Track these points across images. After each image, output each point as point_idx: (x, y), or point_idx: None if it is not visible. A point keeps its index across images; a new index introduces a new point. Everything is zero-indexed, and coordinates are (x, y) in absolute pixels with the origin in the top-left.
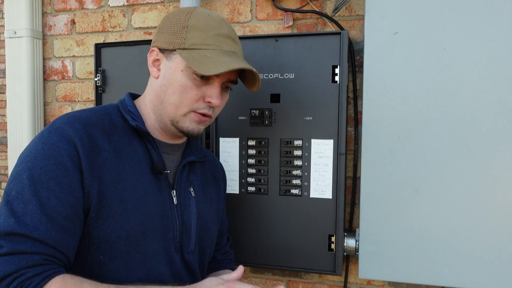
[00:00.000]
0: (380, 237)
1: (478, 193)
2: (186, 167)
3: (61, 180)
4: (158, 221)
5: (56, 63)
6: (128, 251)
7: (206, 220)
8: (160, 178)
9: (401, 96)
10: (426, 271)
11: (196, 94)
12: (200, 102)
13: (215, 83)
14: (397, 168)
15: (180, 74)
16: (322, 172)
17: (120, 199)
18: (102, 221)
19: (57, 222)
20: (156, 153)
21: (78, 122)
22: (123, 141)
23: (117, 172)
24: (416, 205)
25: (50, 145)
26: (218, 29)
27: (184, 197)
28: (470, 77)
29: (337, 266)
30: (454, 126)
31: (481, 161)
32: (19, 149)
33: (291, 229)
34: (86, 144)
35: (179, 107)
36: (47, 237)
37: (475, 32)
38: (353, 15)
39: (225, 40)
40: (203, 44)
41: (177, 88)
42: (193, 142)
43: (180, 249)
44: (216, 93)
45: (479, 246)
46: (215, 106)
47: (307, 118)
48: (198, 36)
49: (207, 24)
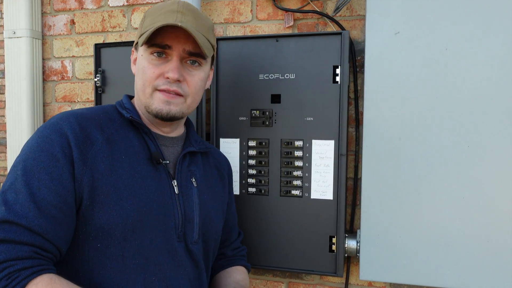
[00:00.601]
0: (381, 239)
1: (480, 194)
2: (186, 158)
3: (52, 171)
4: (157, 210)
5: (56, 64)
6: (125, 238)
7: (209, 211)
8: (159, 168)
9: (402, 96)
10: (427, 273)
11: (153, 72)
12: (160, 79)
13: (173, 57)
14: (399, 169)
15: (141, 59)
16: (323, 173)
17: (115, 187)
18: (98, 209)
19: (45, 211)
20: (154, 144)
21: (72, 117)
22: (118, 133)
23: (111, 161)
24: (418, 206)
25: (44, 137)
26: (168, 7)
27: (186, 187)
28: (472, 77)
29: (338, 268)
30: (456, 127)
31: (483, 162)
32: (18, 150)
33: (292, 230)
34: (78, 135)
35: (144, 89)
36: (34, 224)
37: (477, 32)
38: (354, 15)
39: (172, 14)
40: (152, 23)
41: (140, 73)
42: (192, 134)
43: (184, 238)
44: (173, 66)
45: (481, 247)
46: (172, 79)
47: (308, 118)
48: (150, 19)
49: (159, 6)
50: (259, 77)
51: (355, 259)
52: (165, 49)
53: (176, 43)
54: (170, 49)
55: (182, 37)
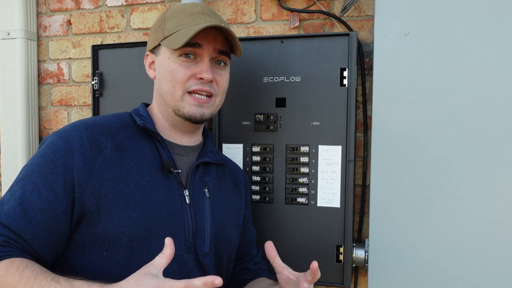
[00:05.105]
0: (390, 248)
1: (493, 202)
2: (200, 168)
3: (47, 176)
4: (166, 219)
5: (52, 66)
6: (131, 247)
7: (223, 222)
8: (170, 177)
9: (412, 100)
10: (438, 284)
11: (185, 74)
12: (191, 80)
13: (203, 58)
14: (408, 176)
15: (167, 62)
16: (330, 179)
17: (122, 195)
18: (105, 216)
19: (30, 214)
20: (166, 153)
21: (82, 125)
22: (130, 141)
23: (119, 169)
24: (428, 215)
25: (50, 144)
26: (191, 9)
27: (197, 197)
28: (485, 80)
29: (345, 278)
30: (468, 132)
31: (497, 168)
32: (12, 155)
33: (298, 240)
34: (85, 143)
35: (174, 92)
36: (13, 224)
37: (489, 33)
38: (362, 16)
39: (199, 16)
40: (178, 26)
41: (168, 76)
42: (209, 145)
43: (194, 250)
44: (205, 67)
45: (494, 258)
46: (207, 80)
47: (314, 123)
48: (174, 22)
49: (180, 9)
50: (264, 80)
51: (363, 270)
52: (195, 47)
53: (207, 42)
54: (200, 49)
55: (211, 37)
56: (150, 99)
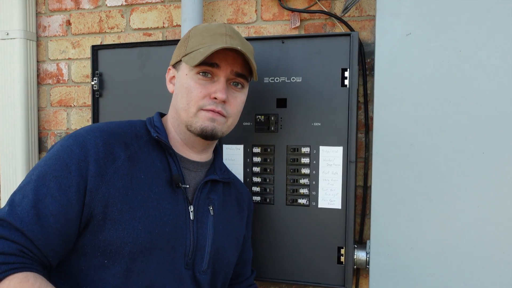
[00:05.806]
0: (392, 250)
1: (495, 204)
2: (207, 185)
3: (61, 181)
4: (169, 233)
5: (51, 66)
6: (132, 258)
7: (223, 241)
8: (177, 191)
9: (414, 100)
10: (441, 286)
11: (200, 92)
12: (206, 99)
13: (219, 79)
14: (410, 177)
15: (185, 78)
16: (331, 181)
17: (130, 205)
18: (110, 225)
19: (43, 218)
20: (176, 167)
21: (98, 130)
22: (142, 151)
23: (129, 179)
24: (430, 216)
25: (65, 147)
26: (215, 30)
27: (202, 214)
28: (487, 81)
29: (346, 280)
30: (470, 133)
31: (499, 169)
32: (11, 156)
33: (298, 241)
34: (100, 150)
35: (188, 109)
36: (27, 229)
37: (492, 33)
38: (363, 16)
39: (221, 37)
40: (200, 44)
41: (184, 92)
42: (218, 162)
43: (192, 266)
44: (220, 87)
45: (496, 259)
46: (220, 100)
47: (315, 124)
48: (197, 40)
49: (205, 28)
50: (264, 80)
51: (364, 271)
52: (213, 67)
53: (225, 63)
54: (218, 69)
55: (230, 58)
56: (150, 99)
